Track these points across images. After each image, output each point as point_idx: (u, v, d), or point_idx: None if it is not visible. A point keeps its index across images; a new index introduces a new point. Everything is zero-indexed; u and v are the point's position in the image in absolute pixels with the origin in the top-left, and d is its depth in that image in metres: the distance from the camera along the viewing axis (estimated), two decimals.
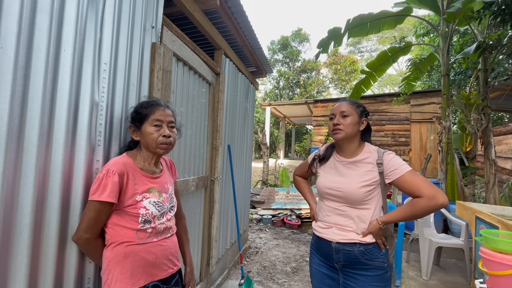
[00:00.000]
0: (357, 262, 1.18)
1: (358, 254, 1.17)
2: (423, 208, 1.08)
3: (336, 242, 1.21)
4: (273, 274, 2.94)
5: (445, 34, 4.54)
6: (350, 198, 1.19)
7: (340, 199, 1.22)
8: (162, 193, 1.10)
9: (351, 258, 1.18)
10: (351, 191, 1.18)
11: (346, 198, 1.20)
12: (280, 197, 5.91)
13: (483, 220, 2.45)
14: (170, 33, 1.59)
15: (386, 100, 8.92)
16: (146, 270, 1.01)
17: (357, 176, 1.20)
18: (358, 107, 1.25)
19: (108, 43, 1.11)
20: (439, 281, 2.88)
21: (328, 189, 1.25)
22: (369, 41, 22.72)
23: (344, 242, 1.19)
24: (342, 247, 1.19)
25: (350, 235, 1.19)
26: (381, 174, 1.18)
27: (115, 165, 0.98)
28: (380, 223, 1.16)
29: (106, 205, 0.95)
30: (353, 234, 1.19)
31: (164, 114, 1.09)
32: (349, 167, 1.24)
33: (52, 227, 0.91)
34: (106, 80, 1.10)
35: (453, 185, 4.36)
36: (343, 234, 1.20)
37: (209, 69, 2.23)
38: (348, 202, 1.20)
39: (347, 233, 1.20)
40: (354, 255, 1.17)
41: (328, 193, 1.26)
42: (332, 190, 1.24)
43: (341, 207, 1.22)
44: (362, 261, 1.17)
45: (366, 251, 1.17)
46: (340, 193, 1.21)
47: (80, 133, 0.99)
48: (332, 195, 1.24)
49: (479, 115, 4.44)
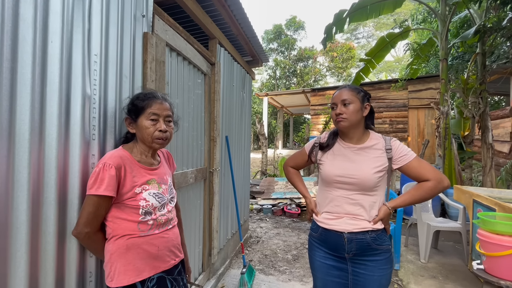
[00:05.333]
0: (368, 249, 1.17)
1: (370, 241, 1.17)
2: (432, 190, 1.14)
3: (349, 232, 1.18)
4: (275, 262, 2.98)
5: (444, 17, 4.47)
6: (363, 184, 1.16)
7: (352, 186, 1.18)
8: (161, 184, 1.09)
9: (363, 246, 1.17)
10: (366, 176, 1.16)
11: (360, 184, 1.17)
12: (279, 186, 5.94)
13: (480, 203, 2.48)
14: (162, 22, 1.54)
15: (383, 87, 8.87)
16: (148, 262, 1.01)
17: (369, 162, 1.18)
18: (359, 93, 1.21)
19: (98, 34, 1.07)
20: (437, 264, 2.94)
21: (338, 177, 1.20)
22: (365, 27, 22.42)
23: (357, 231, 1.17)
24: (355, 237, 1.17)
25: (362, 223, 1.18)
26: (390, 160, 1.19)
27: (112, 159, 0.97)
28: (390, 209, 1.18)
29: (104, 199, 0.94)
30: (365, 223, 1.18)
31: (161, 107, 1.06)
32: (359, 153, 1.21)
33: (50, 223, 0.90)
34: (97, 72, 1.07)
35: (451, 170, 4.40)
36: (355, 224, 1.18)
37: (204, 59, 2.18)
38: (360, 189, 1.18)
39: (359, 222, 1.18)
40: (366, 242, 1.17)
41: (338, 180, 1.21)
42: (343, 178, 1.19)
43: (352, 195, 1.19)
44: (373, 247, 1.17)
45: (377, 236, 1.18)
46: (353, 180, 1.18)
47: (74, 127, 0.97)
48: (343, 183, 1.20)
49: (477, 99, 4.43)
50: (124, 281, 0.96)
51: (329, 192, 1.25)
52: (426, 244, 2.96)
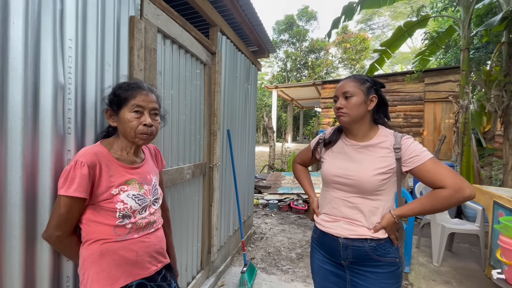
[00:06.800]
0: (367, 259, 1.05)
1: (369, 250, 1.04)
2: (447, 200, 0.95)
3: (344, 237, 1.07)
4: (278, 261, 2.89)
5: (468, 3, 4.13)
6: (362, 187, 1.04)
7: (350, 188, 1.07)
8: (143, 185, 0.99)
9: (361, 255, 1.05)
10: (364, 179, 1.03)
11: (358, 187, 1.05)
12: (286, 181, 5.82)
13: (502, 205, 2.28)
14: (153, 5, 1.42)
15: (398, 79, 8.47)
16: (125, 269, 0.92)
17: (372, 162, 1.05)
18: (363, 83, 1.06)
19: (72, 16, 0.96)
20: (451, 268, 2.76)
21: (336, 177, 1.10)
22: (381, 16, 21.54)
23: (354, 238, 1.06)
24: (351, 243, 1.06)
25: (360, 230, 1.05)
26: (398, 161, 1.03)
27: (85, 156, 0.87)
28: (395, 217, 1.03)
29: (76, 200, 0.85)
30: (363, 229, 1.05)
31: (147, 99, 0.95)
32: (362, 152, 1.09)
33: (16, 226, 0.81)
34: (72, 59, 0.96)
35: (469, 168, 4.13)
36: (352, 229, 1.07)
37: (203, 48, 2.06)
38: (359, 192, 1.05)
39: (357, 227, 1.06)
40: (365, 251, 1.04)
41: (336, 181, 1.10)
42: (341, 178, 1.09)
43: (350, 198, 1.08)
44: (373, 257, 1.04)
45: (378, 246, 1.04)
46: (350, 181, 1.06)
47: (44, 120, 0.88)
48: (341, 184, 1.09)
49: (501, 92, 4.11)
50: None
51: (328, 192, 1.15)
52: (439, 246, 2.78)
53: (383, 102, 1.13)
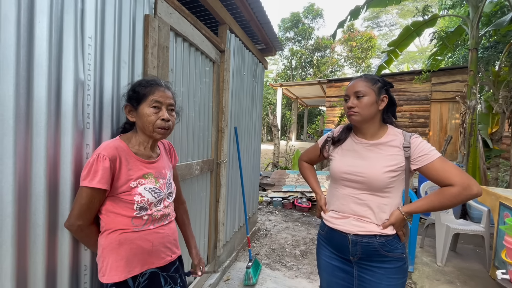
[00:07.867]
0: (376, 254, 1.07)
1: (377, 246, 1.06)
2: (455, 197, 0.98)
3: (354, 234, 1.09)
4: (282, 257, 2.92)
5: (477, 2, 4.09)
6: (372, 184, 1.06)
7: (360, 185, 1.09)
8: (159, 179, 1.03)
9: (370, 251, 1.08)
10: (375, 176, 1.05)
11: (368, 184, 1.07)
12: (290, 179, 5.84)
13: (508, 206, 2.28)
14: (166, 4, 1.45)
15: (405, 79, 8.41)
16: (142, 258, 0.96)
17: (381, 160, 1.07)
18: (375, 84, 1.08)
19: (92, 15, 1.00)
20: (454, 268, 2.77)
21: (346, 174, 1.12)
22: (388, 14, 21.30)
23: (363, 234, 1.08)
24: (360, 239, 1.08)
25: (369, 226, 1.08)
26: (407, 159, 1.05)
27: (106, 149, 0.91)
28: (404, 214, 1.05)
29: (97, 191, 0.89)
30: (372, 226, 1.07)
31: (164, 95, 0.99)
32: (371, 150, 1.11)
33: (40, 215, 0.85)
34: (92, 57, 1.00)
35: (475, 169, 4.11)
36: (361, 226, 1.09)
37: (213, 45, 2.08)
38: (368, 189, 1.08)
39: (366, 224, 1.08)
40: (373, 247, 1.07)
41: (346, 178, 1.12)
42: (351, 175, 1.11)
43: (360, 194, 1.10)
44: (382, 253, 1.06)
45: (387, 242, 1.06)
46: (361, 178, 1.08)
47: (65, 115, 0.92)
48: (351, 181, 1.11)
49: (509, 93, 4.08)
50: (115, 278, 0.91)
51: (337, 189, 1.17)
52: (444, 246, 2.79)
53: (393, 102, 1.15)
